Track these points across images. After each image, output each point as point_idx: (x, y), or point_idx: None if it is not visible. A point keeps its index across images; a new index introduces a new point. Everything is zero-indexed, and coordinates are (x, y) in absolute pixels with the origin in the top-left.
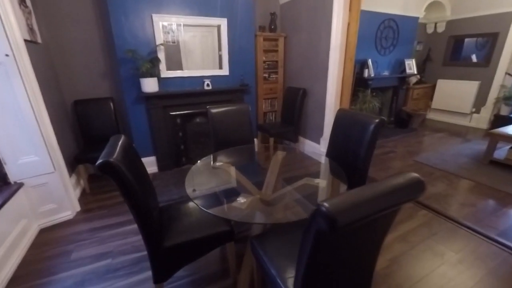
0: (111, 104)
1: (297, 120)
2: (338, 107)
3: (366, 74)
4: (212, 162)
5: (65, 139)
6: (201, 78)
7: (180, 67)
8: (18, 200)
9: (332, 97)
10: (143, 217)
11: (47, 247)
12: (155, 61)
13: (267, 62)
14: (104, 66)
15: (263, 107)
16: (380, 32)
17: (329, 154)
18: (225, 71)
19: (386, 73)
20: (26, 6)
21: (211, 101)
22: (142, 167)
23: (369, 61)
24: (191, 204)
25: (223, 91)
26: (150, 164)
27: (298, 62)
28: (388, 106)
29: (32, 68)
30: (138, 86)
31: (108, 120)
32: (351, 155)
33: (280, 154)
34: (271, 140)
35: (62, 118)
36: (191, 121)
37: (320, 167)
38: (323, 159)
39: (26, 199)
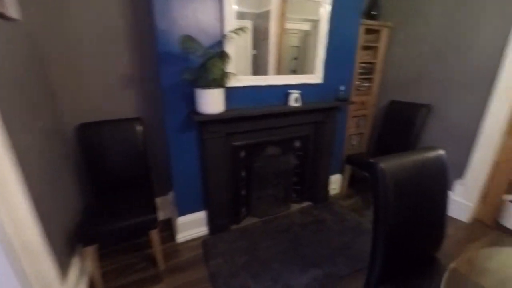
0: (137, 129)
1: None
2: (507, 139)
3: None
4: None
5: (59, 197)
6: (284, 89)
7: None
8: None
9: (496, 121)
10: None
11: None
12: (223, 58)
13: (362, 65)
14: (129, 66)
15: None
16: None
17: None
18: (317, 78)
19: None
20: None
21: (292, 124)
22: None
23: None
24: None
25: (314, 110)
26: (196, 224)
27: (411, 66)
28: None
29: None
30: (189, 101)
31: (132, 154)
32: None
33: None
34: None
35: (55, 157)
36: (259, 153)
37: None
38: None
39: None
